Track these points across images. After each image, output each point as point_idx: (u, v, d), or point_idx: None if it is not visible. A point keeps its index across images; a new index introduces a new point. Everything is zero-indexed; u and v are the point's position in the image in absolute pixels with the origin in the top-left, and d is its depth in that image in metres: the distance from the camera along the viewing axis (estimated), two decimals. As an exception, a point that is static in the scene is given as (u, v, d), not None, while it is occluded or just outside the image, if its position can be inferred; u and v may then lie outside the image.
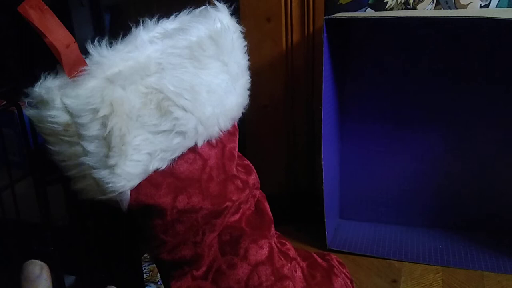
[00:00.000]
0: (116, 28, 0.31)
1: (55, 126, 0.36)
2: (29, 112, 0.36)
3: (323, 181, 0.62)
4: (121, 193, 0.38)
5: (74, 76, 0.36)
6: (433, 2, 0.64)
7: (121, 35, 0.41)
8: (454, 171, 0.68)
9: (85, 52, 0.37)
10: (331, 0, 0.66)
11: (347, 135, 0.71)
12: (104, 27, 0.40)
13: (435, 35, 0.64)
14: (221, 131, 0.43)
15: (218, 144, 0.43)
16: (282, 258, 0.46)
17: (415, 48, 0.65)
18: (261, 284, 0.44)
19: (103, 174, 0.37)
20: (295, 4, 0.66)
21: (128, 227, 0.48)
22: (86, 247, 0.44)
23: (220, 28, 0.42)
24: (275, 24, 0.67)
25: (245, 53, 0.46)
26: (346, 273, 0.51)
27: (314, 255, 0.51)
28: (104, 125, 0.36)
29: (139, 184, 0.39)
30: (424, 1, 0.64)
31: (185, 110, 0.39)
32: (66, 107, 0.35)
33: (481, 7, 0.63)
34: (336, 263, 0.51)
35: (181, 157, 0.41)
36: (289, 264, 0.46)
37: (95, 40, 0.38)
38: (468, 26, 0.62)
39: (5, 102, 0.48)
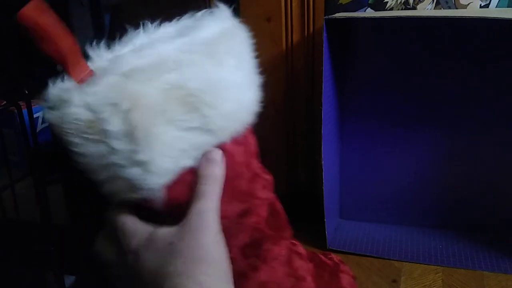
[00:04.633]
0: (116, 28, 0.31)
1: (78, 123, 0.35)
2: (49, 114, 0.35)
3: (323, 181, 0.62)
4: (154, 190, 0.37)
5: (82, 81, 0.35)
6: (433, 2, 0.64)
7: (128, 34, 0.40)
8: (455, 171, 0.68)
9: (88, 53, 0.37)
10: (331, 0, 0.66)
11: (347, 135, 0.71)
12: (104, 27, 0.40)
13: (435, 35, 0.64)
14: (244, 127, 0.42)
15: (243, 141, 0.42)
16: (298, 259, 0.45)
17: (415, 48, 0.65)
18: (282, 286, 0.43)
19: (134, 172, 0.36)
20: (295, 4, 0.66)
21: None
22: (86, 247, 0.44)
23: (231, 26, 0.42)
24: (275, 24, 0.67)
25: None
26: (348, 270, 0.51)
27: (319, 255, 0.51)
28: (126, 119, 0.35)
29: (172, 182, 0.38)
30: (424, 1, 0.64)
31: (211, 107, 0.38)
32: (86, 104, 0.34)
33: (481, 7, 0.63)
34: (338, 261, 0.51)
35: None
36: (304, 265, 0.45)
37: (103, 40, 0.38)
38: (468, 26, 0.62)
39: (5, 102, 0.48)
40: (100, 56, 0.40)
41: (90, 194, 0.35)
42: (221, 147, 0.40)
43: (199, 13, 0.43)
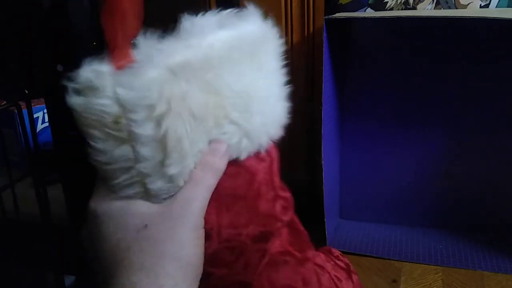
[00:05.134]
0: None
1: (104, 116, 0.30)
2: (73, 99, 0.31)
3: (323, 181, 0.62)
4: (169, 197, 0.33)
5: (121, 68, 0.31)
6: (433, 2, 0.64)
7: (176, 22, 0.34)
8: (455, 171, 0.68)
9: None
10: (331, 0, 0.66)
11: (347, 135, 0.71)
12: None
13: (435, 35, 0.64)
14: (270, 141, 0.38)
15: (267, 157, 0.38)
16: (321, 272, 0.42)
17: (415, 48, 0.65)
18: None
19: (159, 184, 0.32)
20: (295, 4, 0.66)
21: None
22: (85, 247, 0.44)
23: (268, 29, 0.37)
24: (275, 24, 0.67)
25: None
26: (354, 269, 0.50)
27: (333, 258, 0.49)
28: (159, 124, 0.30)
29: None
30: (424, 1, 0.64)
31: (234, 123, 0.34)
32: (118, 97, 0.30)
33: (481, 7, 0.63)
34: (347, 261, 0.50)
35: (226, 172, 0.35)
36: (327, 275, 0.42)
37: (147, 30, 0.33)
38: (468, 26, 0.62)
39: (5, 102, 0.48)
40: (146, 45, 0.34)
41: (90, 194, 0.35)
42: (238, 162, 0.36)
43: (227, 12, 0.37)
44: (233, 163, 0.35)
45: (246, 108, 0.34)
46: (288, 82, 0.39)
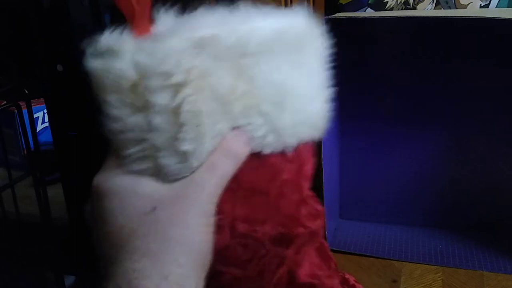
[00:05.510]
0: (116, 28, 0.31)
1: (121, 81, 0.29)
2: (91, 62, 0.30)
3: (323, 181, 0.62)
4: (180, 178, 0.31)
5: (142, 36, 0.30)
6: (433, 2, 0.64)
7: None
8: (455, 171, 0.68)
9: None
10: (331, 0, 0.66)
11: (347, 135, 0.71)
12: (105, 27, 0.40)
13: (435, 35, 0.64)
14: (301, 144, 0.35)
15: (295, 159, 0.35)
16: None
17: (415, 48, 0.65)
18: None
19: (171, 161, 0.30)
20: (295, 4, 0.66)
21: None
22: (86, 247, 0.44)
23: (314, 25, 0.35)
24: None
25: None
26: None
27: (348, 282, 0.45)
28: (175, 94, 0.29)
29: None
30: (424, 1, 0.64)
31: (262, 116, 0.32)
32: (136, 62, 0.29)
33: (481, 7, 0.63)
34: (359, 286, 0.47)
35: (247, 163, 0.32)
36: None
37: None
38: (468, 26, 0.62)
39: (5, 102, 0.48)
40: (167, 21, 0.33)
41: (90, 194, 0.35)
42: (261, 156, 0.33)
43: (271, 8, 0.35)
44: (256, 156, 0.33)
45: (278, 103, 0.32)
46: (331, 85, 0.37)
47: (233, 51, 0.30)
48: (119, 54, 0.30)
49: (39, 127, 0.77)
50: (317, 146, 0.43)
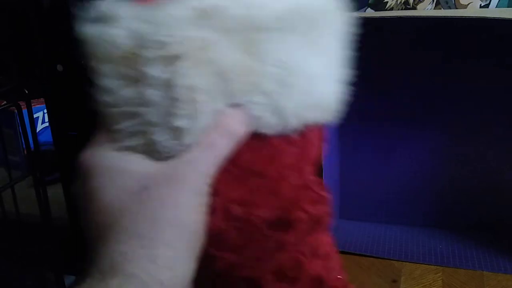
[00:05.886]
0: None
1: (115, 50, 0.28)
2: (86, 29, 0.28)
3: (323, 181, 0.62)
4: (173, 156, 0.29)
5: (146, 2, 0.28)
6: (433, 2, 0.64)
7: None
8: (455, 171, 0.68)
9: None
10: (331, 0, 0.66)
11: (347, 135, 0.71)
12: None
13: (435, 34, 0.64)
14: (308, 127, 0.33)
15: (300, 142, 0.33)
16: None
17: (415, 48, 0.65)
18: None
19: (164, 137, 0.28)
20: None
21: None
22: (86, 247, 0.44)
23: (336, 3, 0.33)
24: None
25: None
26: None
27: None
28: (170, 67, 0.27)
29: None
30: (424, 1, 0.64)
31: (265, 95, 0.30)
32: (132, 30, 0.28)
33: (481, 7, 0.63)
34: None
35: (246, 143, 0.31)
36: None
37: None
38: (468, 26, 0.62)
39: (5, 102, 0.48)
40: None
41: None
42: (267, 138, 0.31)
43: None
44: (256, 137, 0.31)
45: (284, 82, 0.30)
46: (348, 65, 0.35)
47: (242, 24, 0.28)
48: (114, 20, 0.28)
49: (39, 127, 0.77)
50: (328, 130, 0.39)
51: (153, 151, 0.29)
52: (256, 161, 0.31)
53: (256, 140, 0.31)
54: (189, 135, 0.29)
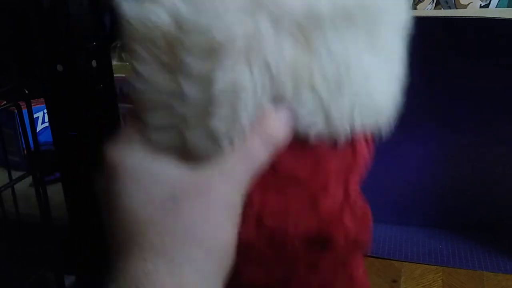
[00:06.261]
0: (117, 28, 0.31)
1: (155, 31, 0.25)
2: (126, 4, 0.26)
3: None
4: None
5: None
6: (433, 2, 0.64)
7: None
8: (455, 171, 0.68)
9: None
10: (331, 0, 0.66)
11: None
12: (105, 27, 0.40)
13: (434, 34, 0.64)
14: (358, 133, 0.30)
15: (348, 150, 0.31)
16: None
17: (415, 48, 0.65)
18: None
19: (198, 137, 0.26)
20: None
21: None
22: (86, 247, 0.44)
23: None
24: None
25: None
26: None
27: None
28: (213, 60, 0.24)
29: None
30: (424, 1, 0.64)
31: (314, 92, 0.27)
32: (176, 11, 0.25)
33: (481, 7, 0.63)
34: None
35: (288, 147, 0.28)
36: None
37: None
38: (468, 26, 0.62)
39: (5, 102, 0.48)
40: None
41: (90, 194, 0.35)
42: (312, 144, 0.28)
43: None
44: (299, 141, 0.28)
45: (336, 81, 0.27)
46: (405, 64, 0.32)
47: (297, 13, 0.25)
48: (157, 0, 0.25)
49: (39, 127, 0.77)
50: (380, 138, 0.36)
51: (186, 151, 0.26)
52: (297, 167, 0.28)
53: (299, 144, 0.28)
54: (226, 138, 0.26)
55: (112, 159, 0.26)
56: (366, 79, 0.29)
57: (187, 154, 0.26)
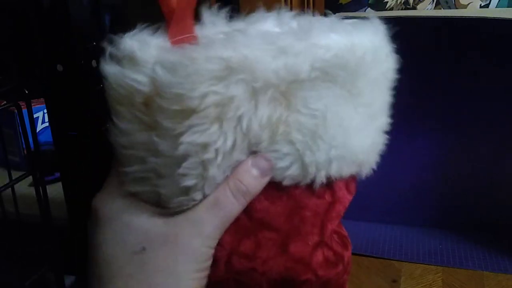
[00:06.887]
0: (117, 28, 0.31)
1: (135, 94, 0.26)
2: (108, 67, 0.27)
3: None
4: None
5: (177, 43, 0.27)
6: (433, 2, 0.64)
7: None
8: (455, 171, 0.68)
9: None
10: (331, 0, 0.66)
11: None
12: (105, 27, 0.40)
13: (435, 34, 0.64)
14: (335, 180, 0.31)
15: (326, 195, 0.31)
16: None
17: (415, 48, 0.65)
18: None
19: (171, 191, 0.27)
20: (295, 4, 0.66)
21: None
22: (86, 247, 0.44)
23: (381, 44, 0.31)
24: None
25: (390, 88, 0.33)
26: None
27: None
28: (184, 121, 0.26)
29: None
30: (424, 1, 0.64)
31: (290, 145, 0.28)
32: (154, 77, 0.26)
33: (481, 7, 0.63)
34: None
35: (263, 190, 0.29)
36: None
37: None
38: (468, 26, 0.62)
39: (5, 102, 0.48)
40: (216, 25, 0.30)
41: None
42: (289, 189, 0.29)
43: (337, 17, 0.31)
44: (276, 186, 0.29)
45: (313, 133, 0.28)
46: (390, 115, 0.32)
47: (274, 76, 0.26)
48: (138, 64, 0.26)
49: (39, 127, 0.77)
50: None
51: (159, 202, 0.28)
52: (272, 212, 0.29)
53: (276, 190, 0.29)
54: (198, 191, 0.27)
55: (95, 207, 0.29)
56: (345, 133, 0.29)
57: (161, 206, 0.28)
